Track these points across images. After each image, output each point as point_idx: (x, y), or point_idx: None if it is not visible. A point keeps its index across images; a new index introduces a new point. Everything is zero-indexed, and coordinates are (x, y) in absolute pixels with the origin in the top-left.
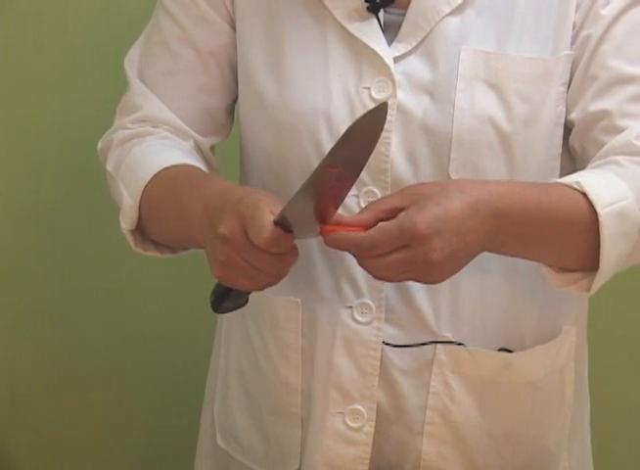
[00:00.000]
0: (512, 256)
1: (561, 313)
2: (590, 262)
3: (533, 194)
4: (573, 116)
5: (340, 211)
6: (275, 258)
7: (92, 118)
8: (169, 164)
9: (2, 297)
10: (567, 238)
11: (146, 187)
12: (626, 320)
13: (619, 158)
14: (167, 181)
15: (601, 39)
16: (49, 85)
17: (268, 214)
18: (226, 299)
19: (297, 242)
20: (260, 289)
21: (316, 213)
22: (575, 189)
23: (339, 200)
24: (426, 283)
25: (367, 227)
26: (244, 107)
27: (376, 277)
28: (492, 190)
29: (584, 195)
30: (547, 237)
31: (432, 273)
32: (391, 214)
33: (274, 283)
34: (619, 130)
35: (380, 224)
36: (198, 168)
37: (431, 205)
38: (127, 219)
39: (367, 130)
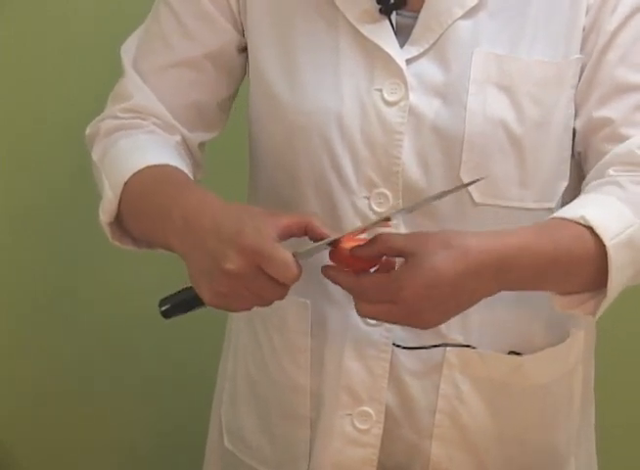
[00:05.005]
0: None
1: (569, 317)
2: (596, 285)
3: (545, 245)
4: (577, 121)
5: (350, 212)
6: (284, 285)
7: (92, 118)
8: (152, 164)
9: (2, 297)
10: (575, 273)
11: (127, 183)
12: (630, 323)
13: (621, 178)
14: (147, 183)
15: (607, 46)
16: (49, 85)
17: (284, 250)
18: (189, 310)
19: None
20: (249, 309)
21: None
22: (580, 224)
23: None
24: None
25: (369, 260)
26: (255, 106)
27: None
28: (500, 249)
29: (590, 228)
30: (556, 278)
31: (418, 326)
32: (393, 254)
33: (268, 305)
34: (622, 138)
35: (370, 275)
36: (178, 171)
37: (425, 268)
38: (106, 212)
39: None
